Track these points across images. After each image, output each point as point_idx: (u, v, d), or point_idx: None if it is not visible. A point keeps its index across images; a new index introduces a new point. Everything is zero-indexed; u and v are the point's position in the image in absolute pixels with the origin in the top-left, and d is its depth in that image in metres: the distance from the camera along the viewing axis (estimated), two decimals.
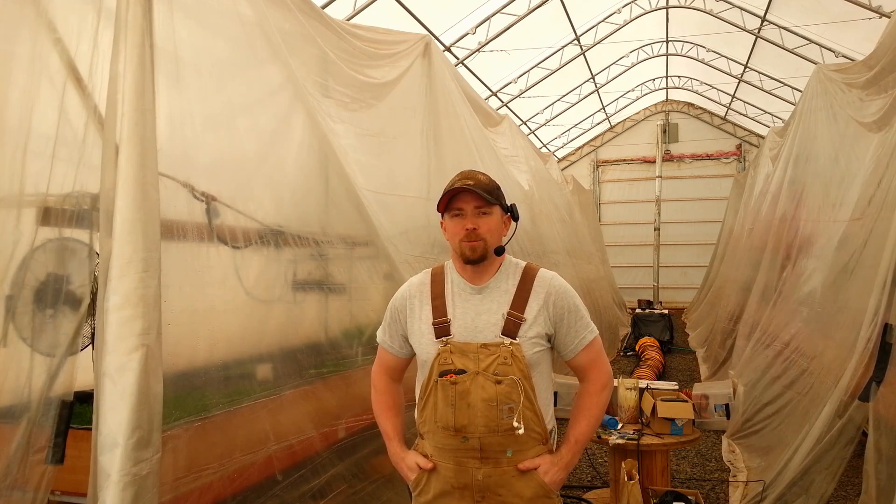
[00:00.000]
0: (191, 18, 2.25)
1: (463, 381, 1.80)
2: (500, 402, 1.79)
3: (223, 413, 2.29)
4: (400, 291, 2.02)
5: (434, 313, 1.89)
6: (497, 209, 1.89)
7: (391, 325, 2.02)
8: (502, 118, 6.75)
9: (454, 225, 1.87)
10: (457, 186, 1.84)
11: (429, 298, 1.93)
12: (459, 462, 1.84)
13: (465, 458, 1.84)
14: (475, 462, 1.83)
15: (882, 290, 3.23)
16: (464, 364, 1.82)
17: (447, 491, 1.87)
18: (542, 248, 6.95)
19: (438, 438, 1.87)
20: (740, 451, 4.88)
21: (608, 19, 11.31)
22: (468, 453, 1.83)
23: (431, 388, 1.86)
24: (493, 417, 1.79)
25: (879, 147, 3.86)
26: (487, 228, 1.85)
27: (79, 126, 1.96)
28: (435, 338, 1.87)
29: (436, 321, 1.88)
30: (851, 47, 8.87)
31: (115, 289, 1.75)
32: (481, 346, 1.82)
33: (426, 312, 1.91)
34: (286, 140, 2.87)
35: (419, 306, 1.94)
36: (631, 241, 16.42)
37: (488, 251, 1.87)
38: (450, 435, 1.83)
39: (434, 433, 1.87)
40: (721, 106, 15.06)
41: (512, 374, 1.79)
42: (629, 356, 10.02)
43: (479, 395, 1.79)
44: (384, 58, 3.78)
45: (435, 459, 1.89)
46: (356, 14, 8.04)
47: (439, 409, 1.83)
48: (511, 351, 1.81)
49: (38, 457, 1.85)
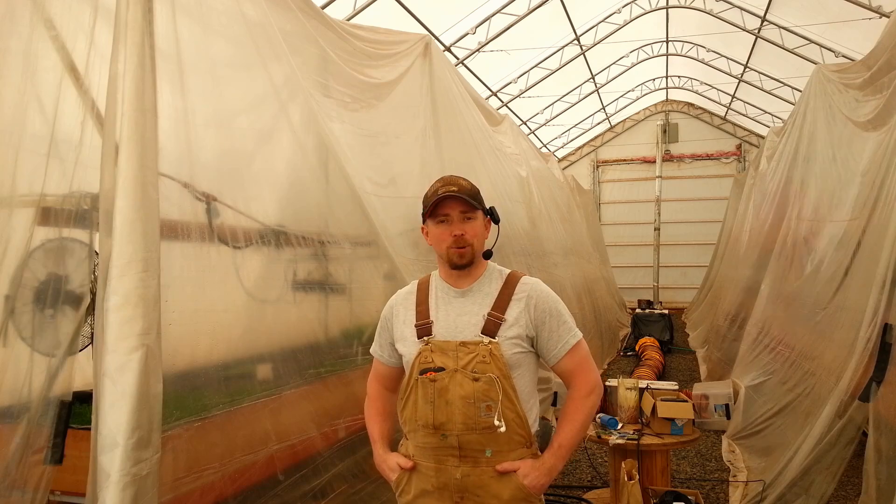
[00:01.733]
0: (192, 18, 2.25)
1: (441, 378, 1.83)
2: (477, 399, 1.81)
3: (223, 413, 2.29)
4: (388, 302, 2.07)
5: (417, 316, 1.94)
6: (480, 213, 1.93)
7: (381, 335, 2.07)
8: (503, 118, 6.75)
9: (440, 231, 1.89)
10: (442, 193, 1.86)
11: (413, 305, 1.97)
12: (439, 461, 1.86)
13: (444, 456, 1.86)
14: (454, 461, 1.84)
15: (881, 290, 3.23)
16: (443, 362, 1.84)
17: (428, 491, 1.88)
18: (542, 248, 6.94)
19: (419, 437, 1.89)
20: (740, 451, 4.88)
21: (608, 19, 11.32)
22: (447, 451, 1.85)
23: (412, 386, 1.89)
24: (470, 415, 1.81)
25: (877, 147, 3.86)
26: (473, 233, 1.89)
27: (76, 124, 1.95)
28: (417, 338, 1.90)
29: (418, 323, 1.92)
30: (851, 47, 8.88)
31: (115, 289, 1.75)
32: (460, 343, 1.85)
33: (410, 317, 1.95)
34: (286, 140, 2.87)
35: (404, 312, 1.98)
36: (631, 241, 16.43)
37: (475, 256, 1.90)
38: (429, 433, 1.85)
39: (415, 432, 1.90)
40: (721, 106, 15.07)
41: (490, 372, 1.81)
42: (629, 356, 10.03)
43: (457, 392, 1.81)
44: (384, 58, 3.78)
45: (416, 459, 1.91)
46: (356, 14, 8.04)
47: (419, 406, 1.86)
48: (490, 349, 1.82)
49: (38, 457, 1.85)
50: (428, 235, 1.96)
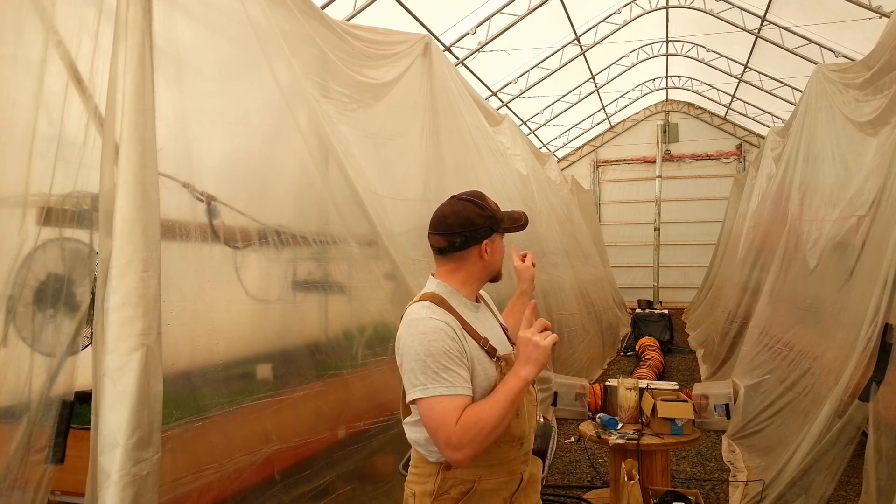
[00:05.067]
0: (191, 18, 2.25)
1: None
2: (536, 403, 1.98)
3: (223, 413, 2.28)
4: (439, 327, 1.75)
5: (474, 338, 1.82)
6: None
7: (459, 363, 1.73)
8: (502, 118, 6.75)
9: (503, 248, 2.00)
10: (523, 223, 2.01)
11: (461, 327, 1.81)
12: (511, 472, 1.87)
13: (517, 465, 1.89)
14: (524, 465, 1.91)
15: (882, 290, 3.23)
16: None
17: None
18: (541, 248, 6.95)
19: (492, 456, 1.80)
20: (740, 450, 4.88)
21: (608, 19, 11.31)
22: (520, 458, 1.90)
23: None
24: (535, 417, 1.96)
25: (880, 147, 3.86)
26: None
27: (79, 126, 1.95)
28: (489, 358, 1.82)
29: (482, 343, 1.82)
30: (851, 47, 8.88)
31: (115, 289, 1.75)
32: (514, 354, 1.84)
33: (470, 340, 1.80)
34: (286, 140, 2.87)
35: (463, 338, 1.79)
36: (631, 241, 16.43)
37: None
38: (513, 446, 1.87)
39: (487, 453, 1.76)
40: (721, 106, 15.07)
41: None
42: (629, 356, 10.03)
43: (530, 399, 1.93)
44: (384, 58, 3.78)
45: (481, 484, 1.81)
46: (356, 14, 8.04)
47: (510, 423, 1.80)
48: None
49: (39, 457, 1.85)
50: (489, 245, 1.91)
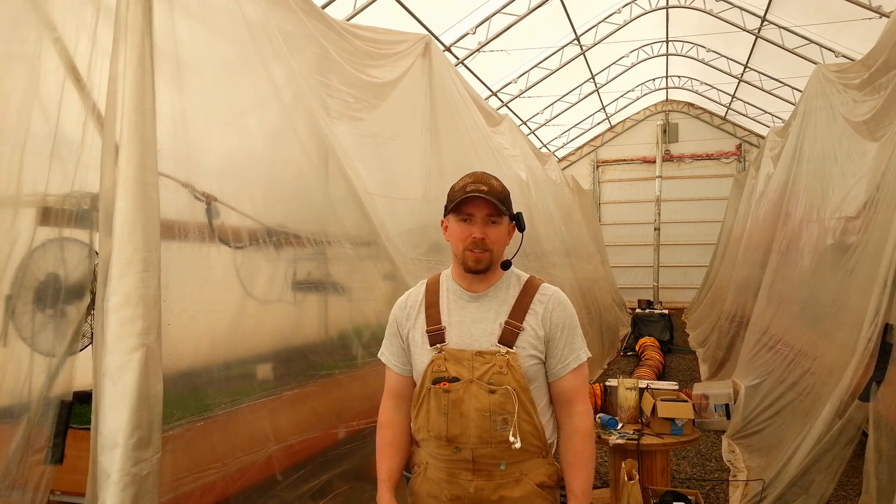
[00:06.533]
0: (191, 18, 2.25)
1: (456, 389, 1.74)
2: (493, 412, 1.72)
3: (223, 413, 2.28)
4: (397, 303, 1.95)
5: (427, 321, 1.83)
6: (506, 219, 1.81)
7: (391, 340, 1.93)
8: (502, 118, 6.75)
9: (461, 230, 1.78)
10: (470, 192, 1.74)
11: (423, 308, 1.86)
12: (451, 473, 1.79)
13: (456, 469, 1.78)
14: (467, 474, 1.77)
15: (882, 290, 3.23)
16: (458, 372, 1.75)
17: (441, 501, 1.82)
18: (541, 248, 6.94)
19: (431, 447, 1.82)
20: (740, 450, 4.88)
21: (608, 19, 11.31)
22: (460, 464, 1.77)
23: (424, 395, 1.80)
24: (486, 428, 1.73)
25: (880, 147, 3.86)
26: (495, 239, 1.77)
27: (78, 125, 1.95)
28: (429, 345, 1.81)
29: (429, 328, 1.81)
30: (851, 47, 8.87)
31: (115, 289, 1.75)
32: (476, 353, 1.76)
33: (420, 321, 1.85)
34: (287, 140, 2.87)
35: (415, 316, 1.87)
36: (631, 241, 16.42)
37: (494, 262, 1.80)
38: (442, 444, 1.78)
39: (427, 441, 1.83)
40: (721, 106, 15.07)
41: (507, 384, 1.73)
42: (629, 356, 10.03)
43: (473, 404, 1.73)
44: (385, 58, 3.78)
45: (430, 469, 1.85)
46: (356, 14, 8.04)
47: (432, 417, 1.78)
48: (507, 360, 1.74)
49: (38, 457, 1.85)
50: (447, 230, 1.84)
